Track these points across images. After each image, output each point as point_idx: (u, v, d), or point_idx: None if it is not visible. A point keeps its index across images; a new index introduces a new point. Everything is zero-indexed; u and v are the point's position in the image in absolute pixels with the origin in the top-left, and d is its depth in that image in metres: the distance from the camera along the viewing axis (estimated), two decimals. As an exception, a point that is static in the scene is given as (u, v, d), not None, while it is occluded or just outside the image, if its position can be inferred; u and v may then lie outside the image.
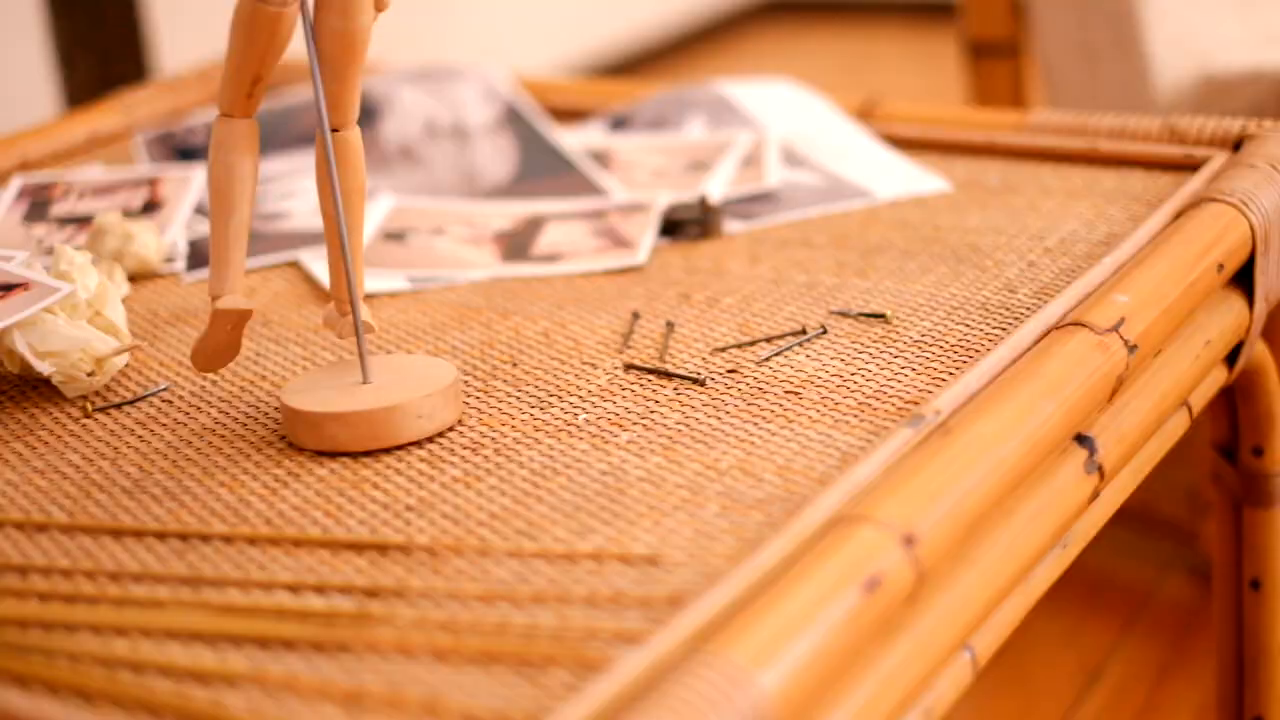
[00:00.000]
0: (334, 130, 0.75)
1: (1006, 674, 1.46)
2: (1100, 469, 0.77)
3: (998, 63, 1.55)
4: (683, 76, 3.20)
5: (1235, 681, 1.09)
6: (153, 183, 1.11)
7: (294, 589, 0.65)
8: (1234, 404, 1.02)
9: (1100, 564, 1.59)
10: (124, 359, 0.84)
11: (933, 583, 0.66)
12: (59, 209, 1.08)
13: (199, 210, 1.08)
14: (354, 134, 0.76)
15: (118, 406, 0.82)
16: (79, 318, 0.83)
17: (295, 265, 0.99)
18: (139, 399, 0.82)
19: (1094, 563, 1.56)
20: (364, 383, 0.77)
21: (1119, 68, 1.46)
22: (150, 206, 1.07)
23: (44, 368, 0.81)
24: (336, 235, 0.77)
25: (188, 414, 0.80)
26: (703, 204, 0.97)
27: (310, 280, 0.96)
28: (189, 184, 1.10)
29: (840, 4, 3.75)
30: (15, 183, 1.11)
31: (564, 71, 3.31)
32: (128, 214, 1.04)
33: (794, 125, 1.11)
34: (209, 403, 0.81)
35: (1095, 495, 0.78)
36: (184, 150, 1.19)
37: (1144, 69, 1.45)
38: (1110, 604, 1.56)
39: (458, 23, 3.12)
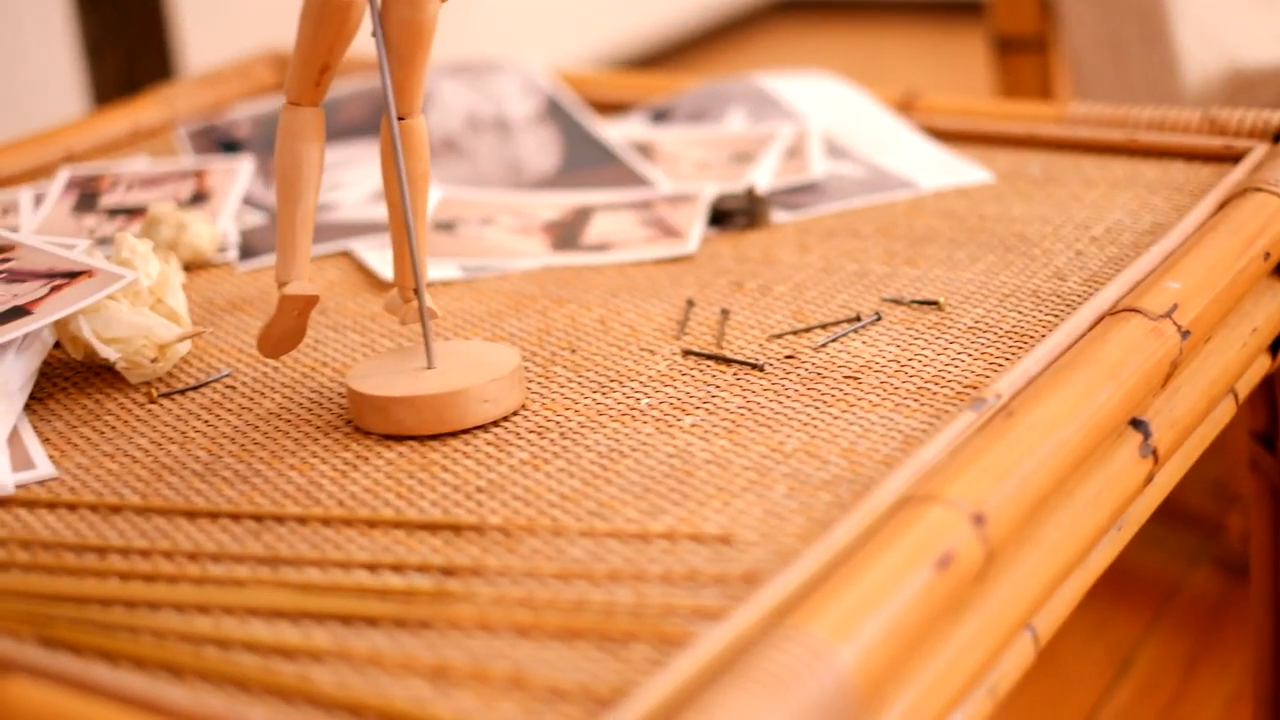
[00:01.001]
0: (400, 119, 0.76)
1: (1037, 664, 1.46)
2: (1154, 453, 0.78)
3: (1025, 58, 1.56)
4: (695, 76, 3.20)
5: (1272, 671, 1.10)
6: (199, 174, 1.12)
7: (371, 568, 0.66)
8: (1274, 392, 1.03)
9: (1127, 556, 1.60)
10: (187, 345, 0.85)
11: (998, 562, 0.67)
12: (108, 200, 1.09)
13: (246, 201, 1.09)
14: (420, 122, 0.77)
15: (182, 392, 0.83)
16: (141, 305, 0.84)
17: (347, 255, 1.00)
18: (202, 385, 0.83)
19: (1121, 554, 1.57)
20: (428, 368, 0.78)
21: (1147, 62, 1.47)
22: (198, 198, 1.08)
23: (109, 353, 0.82)
24: (402, 222, 0.78)
25: (252, 399, 0.81)
26: (750, 194, 0.98)
27: (363, 269, 0.97)
28: (235, 175, 1.11)
29: (851, 3, 3.76)
30: (63, 175, 1.12)
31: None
32: (178, 205, 1.05)
33: (834, 118, 1.12)
34: (272, 388, 0.82)
35: (1149, 479, 0.79)
36: (227, 143, 1.20)
37: (1172, 63, 1.46)
38: (1138, 595, 1.57)
39: (459, 22, 3.12)
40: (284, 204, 0.76)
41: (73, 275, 0.83)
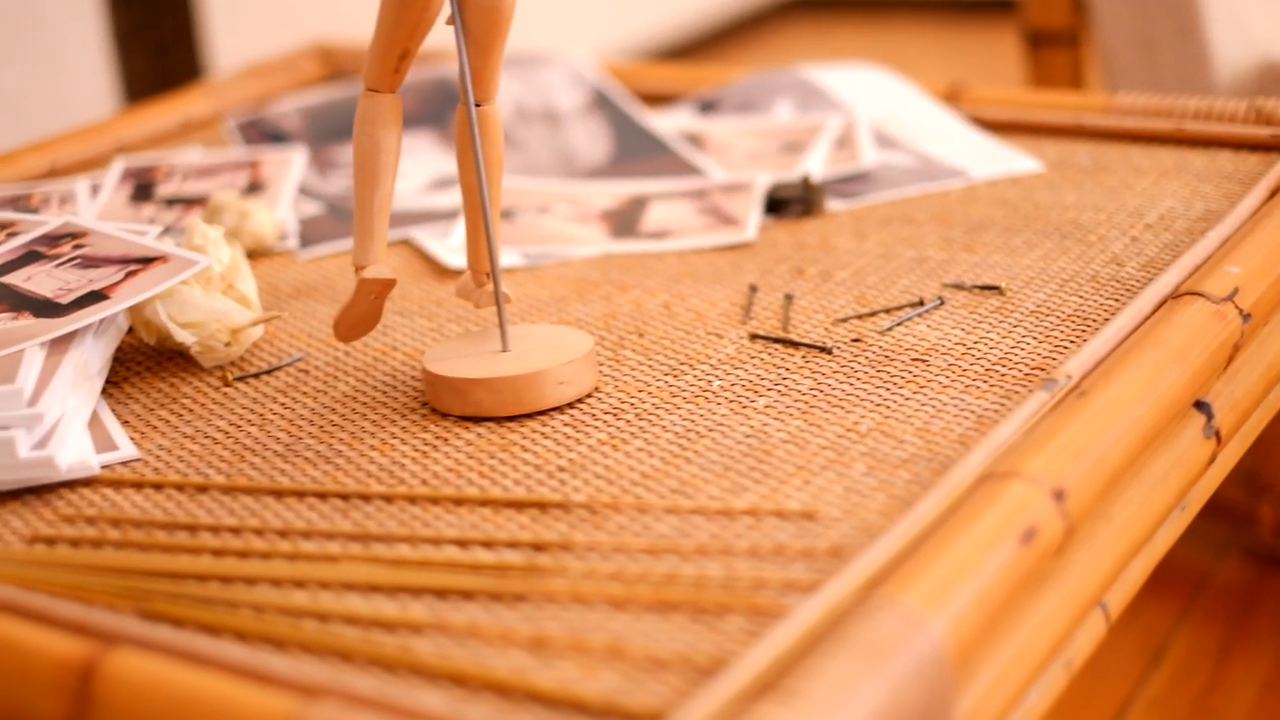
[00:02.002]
0: (476, 105, 0.78)
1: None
2: (1217, 434, 0.80)
3: (1057, 52, 1.57)
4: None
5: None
6: (253, 165, 1.13)
7: (462, 544, 0.67)
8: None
9: (1156, 547, 1.61)
10: (260, 330, 0.86)
11: (1075, 538, 0.68)
12: (164, 190, 1.10)
13: (302, 191, 1.10)
14: (496, 109, 0.78)
15: (256, 375, 0.84)
16: (213, 290, 0.85)
17: (407, 243, 1.01)
18: (276, 368, 0.84)
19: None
20: (503, 351, 0.79)
21: (1179, 56, 1.48)
22: (253, 188, 1.09)
23: (185, 337, 0.83)
24: (477, 207, 0.79)
25: (326, 383, 0.83)
26: (805, 183, 0.99)
27: (425, 256, 0.98)
28: (288, 166, 1.13)
29: (867, 1, 3.77)
30: (118, 165, 1.14)
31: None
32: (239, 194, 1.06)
33: (882, 108, 1.13)
34: (345, 372, 0.84)
35: (1212, 460, 0.80)
36: (276, 134, 1.21)
37: (1203, 57, 1.47)
38: (1169, 586, 1.58)
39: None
40: (362, 189, 0.78)
41: (147, 261, 0.84)
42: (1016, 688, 0.64)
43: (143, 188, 1.10)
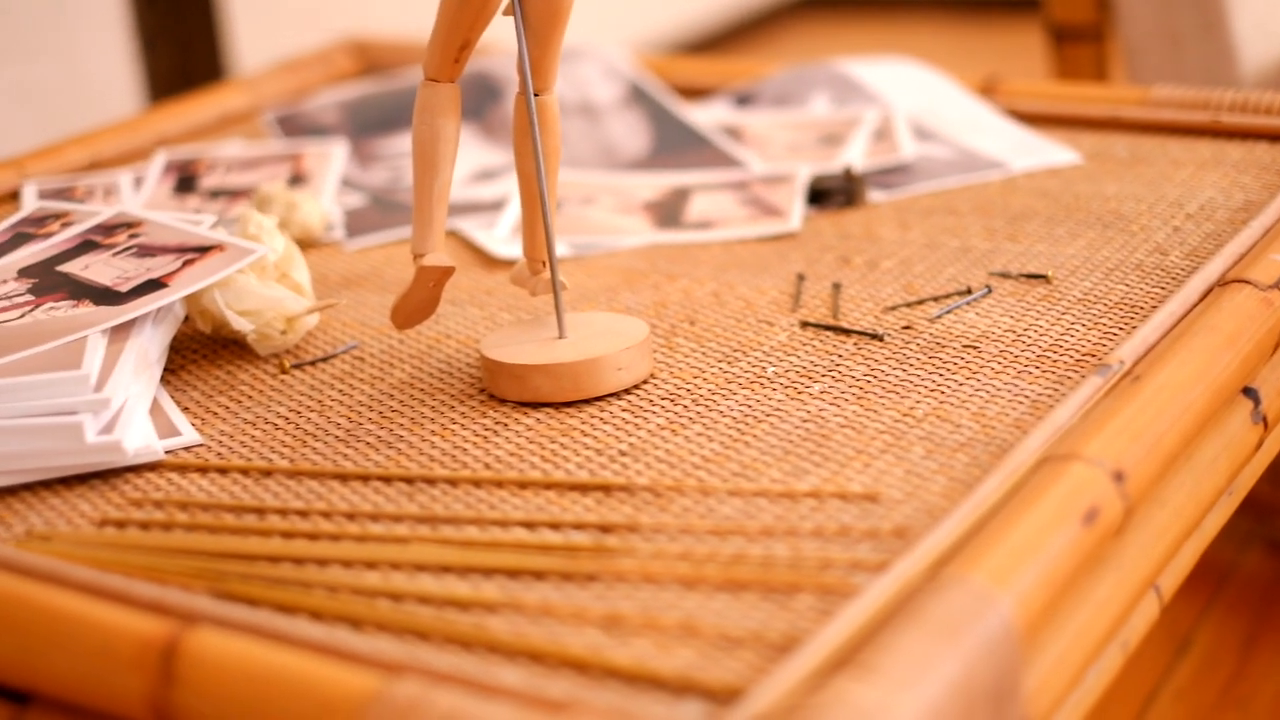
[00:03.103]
0: (535, 94, 0.78)
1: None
2: (1264, 420, 0.81)
3: (1081, 47, 1.58)
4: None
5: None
6: (295, 157, 1.14)
7: (529, 526, 0.68)
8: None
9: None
10: (315, 318, 0.87)
11: (1131, 520, 0.69)
12: (208, 182, 1.11)
13: (345, 183, 1.11)
14: (554, 99, 0.79)
15: (312, 363, 0.85)
16: (268, 279, 0.86)
17: (453, 234, 1.02)
18: (332, 356, 0.85)
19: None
20: (560, 338, 0.80)
21: (1204, 51, 1.49)
22: (296, 180, 1.10)
23: (243, 325, 0.84)
24: (535, 196, 0.80)
25: (382, 370, 0.83)
26: (848, 174, 1.00)
27: (472, 247, 0.99)
28: (329, 158, 1.14)
29: None
30: (160, 158, 1.14)
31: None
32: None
33: (918, 101, 1.14)
34: (400, 359, 0.84)
35: (1259, 445, 0.81)
36: (314, 128, 1.22)
37: (1229, 53, 1.48)
38: (1194, 577, 1.59)
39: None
40: (421, 178, 0.78)
41: (203, 250, 0.85)
42: (1077, 667, 0.65)
43: (186, 180, 1.11)
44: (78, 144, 1.19)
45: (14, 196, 1.13)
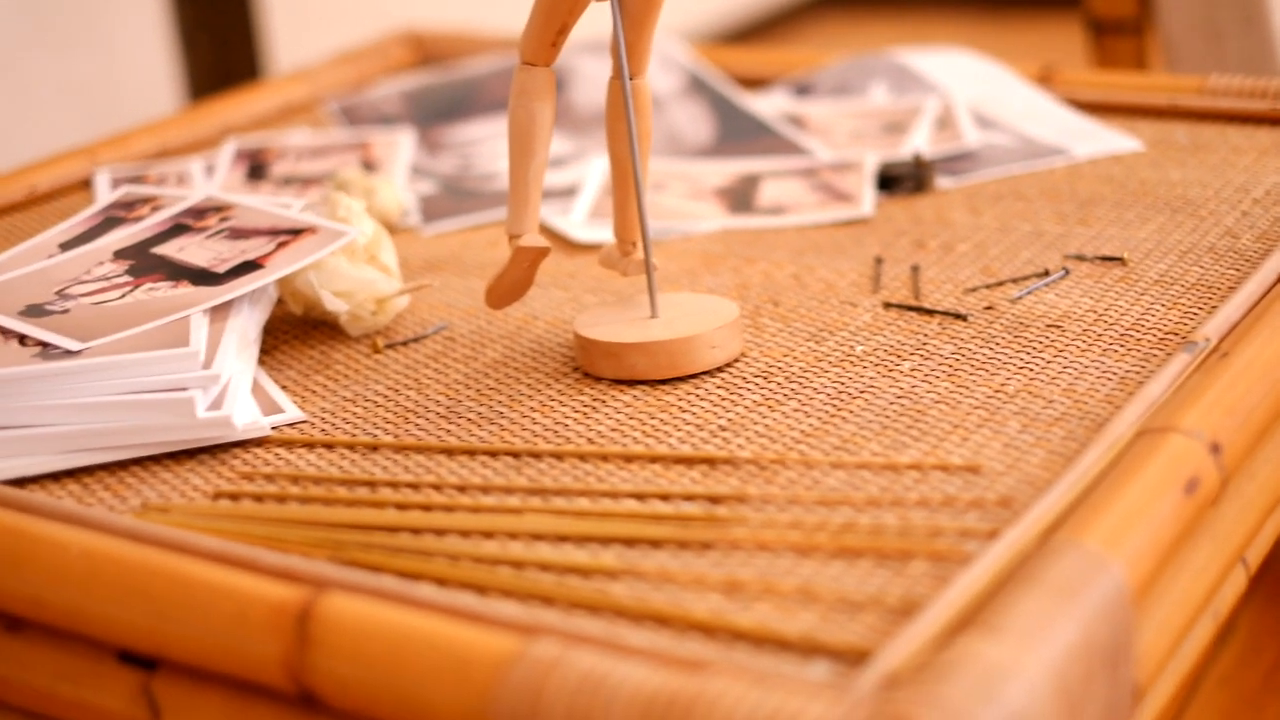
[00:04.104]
0: (630, 78, 0.80)
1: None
2: (1342, 398, 0.82)
3: (1120, 40, 1.60)
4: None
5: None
6: (363, 146, 1.15)
7: (639, 497, 0.69)
8: None
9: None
10: (405, 299, 0.88)
11: (1225, 492, 0.70)
12: (279, 170, 1.12)
13: (415, 170, 1.12)
14: (646, 82, 0.81)
15: (403, 343, 0.86)
16: (358, 261, 0.87)
17: (526, 219, 1.03)
18: (423, 336, 0.87)
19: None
20: (653, 317, 0.81)
21: (1245, 44, 1.51)
22: (366, 167, 1.12)
23: (338, 305, 0.85)
24: (627, 178, 0.82)
25: (474, 350, 0.85)
26: (917, 160, 1.02)
27: (550, 232, 1.01)
28: (397, 147, 1.15)
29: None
30: (229, 146, 1.16)
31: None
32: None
33: (976, 90, 1.16)
34: (491, 340, 0.86)
35: (1336, 423, 0.83)
36: (378, 117, 1.23)
37: (1269, 46, 1.49)
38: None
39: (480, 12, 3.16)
40: (517, 160, 0.80)
41: (295, 232, 0.87)
42: (1177, 635, 0.67)
43: (256, 168, 1.13)
44: (146, 133, 1.20)
45: (86, 184, 1.15)
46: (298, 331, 0.89)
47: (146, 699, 0.65)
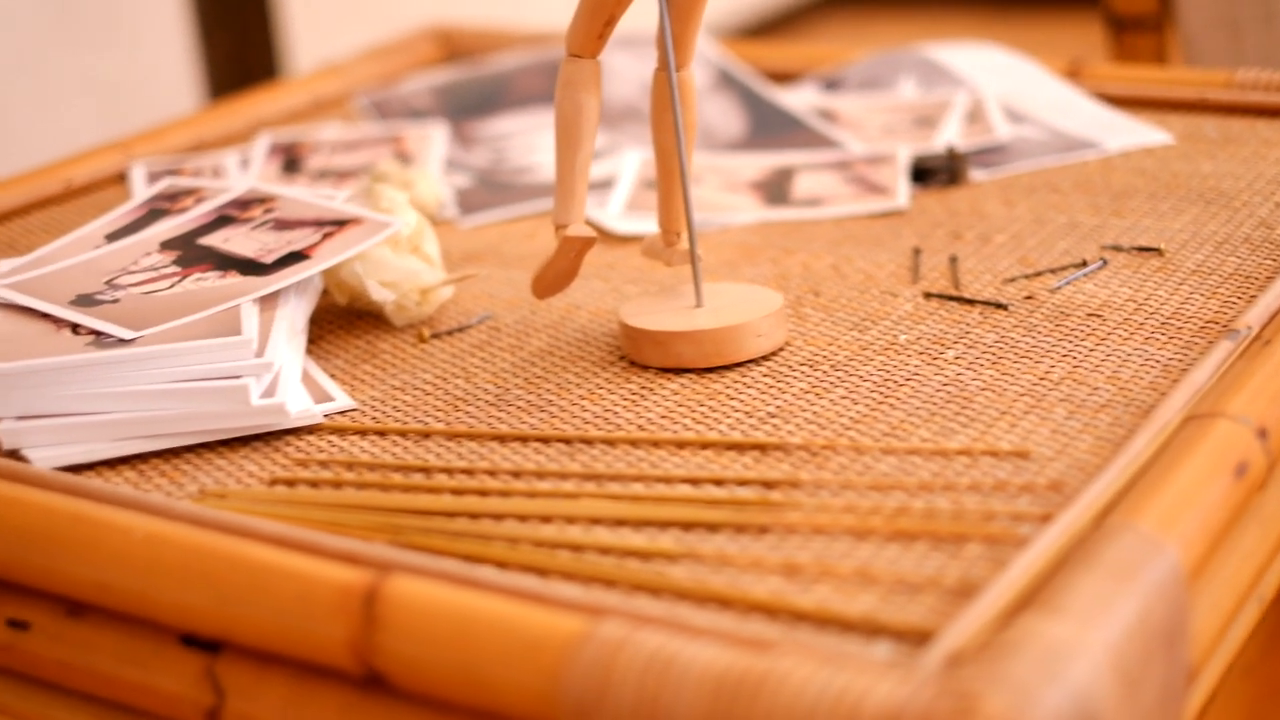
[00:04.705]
0: (676, 70, 0.81)
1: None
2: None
3: (1140, 36, 1.61)
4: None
5: None
6: (396, 139, 1.16)
7: (693, 482, 0.70)
8: None
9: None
10: (449, 290, 0.89)
11: (1272, 476, 0.71)
12: (313, 163, 1.13)
13: (449, 163, 1.13)
14: (691, 75, 0.82)
15: (449, 333, 0.87)
16: (402, 251, 0.88)
17: (563, 212, 1.04)
18: (467, 326, 0.88)
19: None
20: (698, 306, 0.82)
21: (1265, 41, 1.51)
22: (400, 161, 1.12)
23: (385, 295, 0.86)
24: (672, 169, 0.82)
25: (519, 339, 0.86)
26: (951, 153, 1.03)
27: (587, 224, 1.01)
28: (430, 140, 1.16)
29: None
30: (263, 140, 1.17)
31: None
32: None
33: (1004, 84, 1.17)
34: (535, 329, 0.87)
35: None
36: (409, 111, 1.24)
37: (1288, 41, 1.50)
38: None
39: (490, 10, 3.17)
40: (564, 150, 0.81)
41: (340, 223, 0.88)
42: (1227, 616, 0.67)
43: (291, 161, 1.14)
44: (180, 127, 1.21)
45: (121, 178, 1.16)
46: (343, 322, 0.90)
47: (210, 681, 0.66)
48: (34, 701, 0.72)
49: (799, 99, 1.19)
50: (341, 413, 0.79)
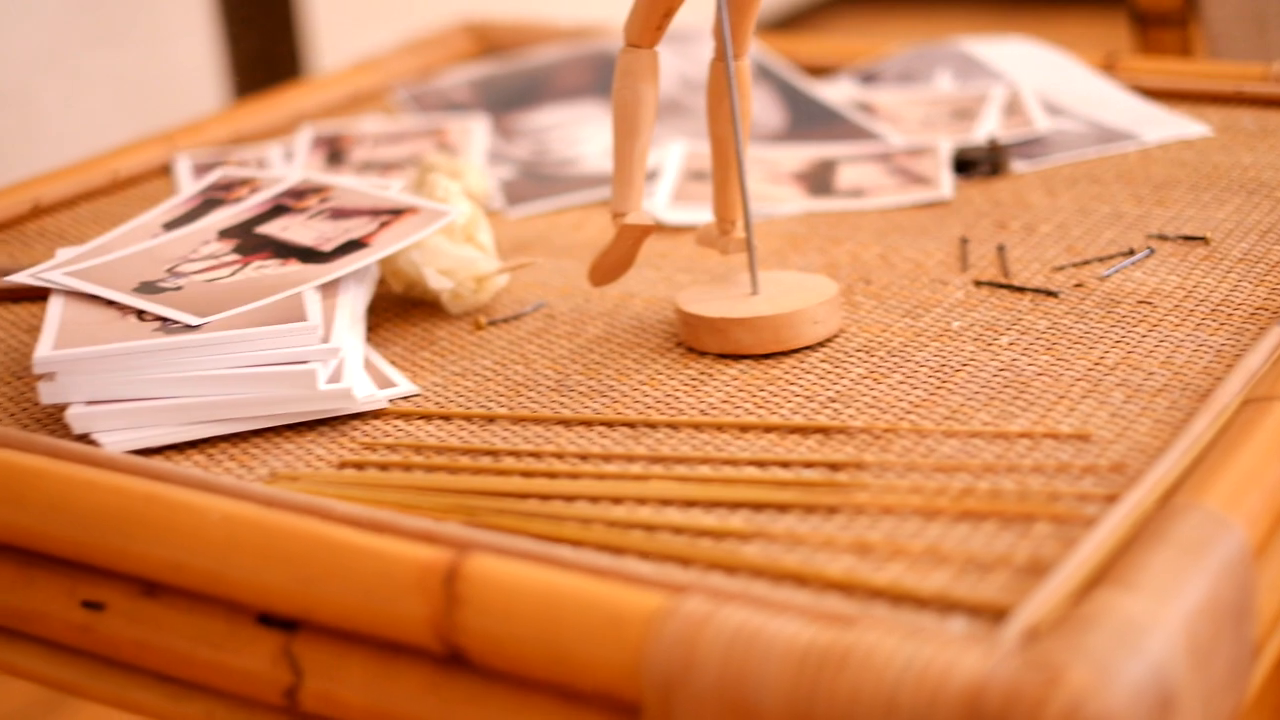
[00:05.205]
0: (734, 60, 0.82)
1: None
2: None
3: (1165, 32, 1.62)
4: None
5: None
6: (438, 132, 1.17)
7: (759, 464, 0.71)
8: None
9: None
10: (504, 278, 0.90)
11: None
12: (358, 155, 1.14)
13: (493, 155, 1.14)
14: (747, 64, 0.83)
15: (504, 321, 0.88)
16: (456, 240, 0.89)
17: (606, 205, 1.05)
18: (522, 314, 0.89)
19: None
20: (754, 294, 0.83)
21: (1289, 35, 1.53)
22: (445, 153, 1.13)
23: (443, 282, 0.87)
24: (727, 158, 0.84)
25: (574, 327, 0.87)
26: (992, 144, 1.04)
27: (633, 214, 1.03)
28: (471, 133, 1.17)
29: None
30: (306, 132, 1.18)
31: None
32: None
33: (1040, 78, 1.18)
34: (590, 317, 0.88)
35: None
36: (448, 104, 1.25)
37: (1313, 36, 1.52)
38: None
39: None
40: (622, 139, 0.82)
41: (396, 212, 0.89)
42: (1283, 598, 0.69)
43: (335, 154, 1.15)
44: (221, 120, 1.22)
45: (165, 170, 1.17)
46: (398, 310, 0.91)
47: (288, 660, 0.67)
48: (109, 682, 0.73)
49: (836, 92, 1.20)
50: (404, 398, 0.80)
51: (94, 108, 1.96)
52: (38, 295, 0.95)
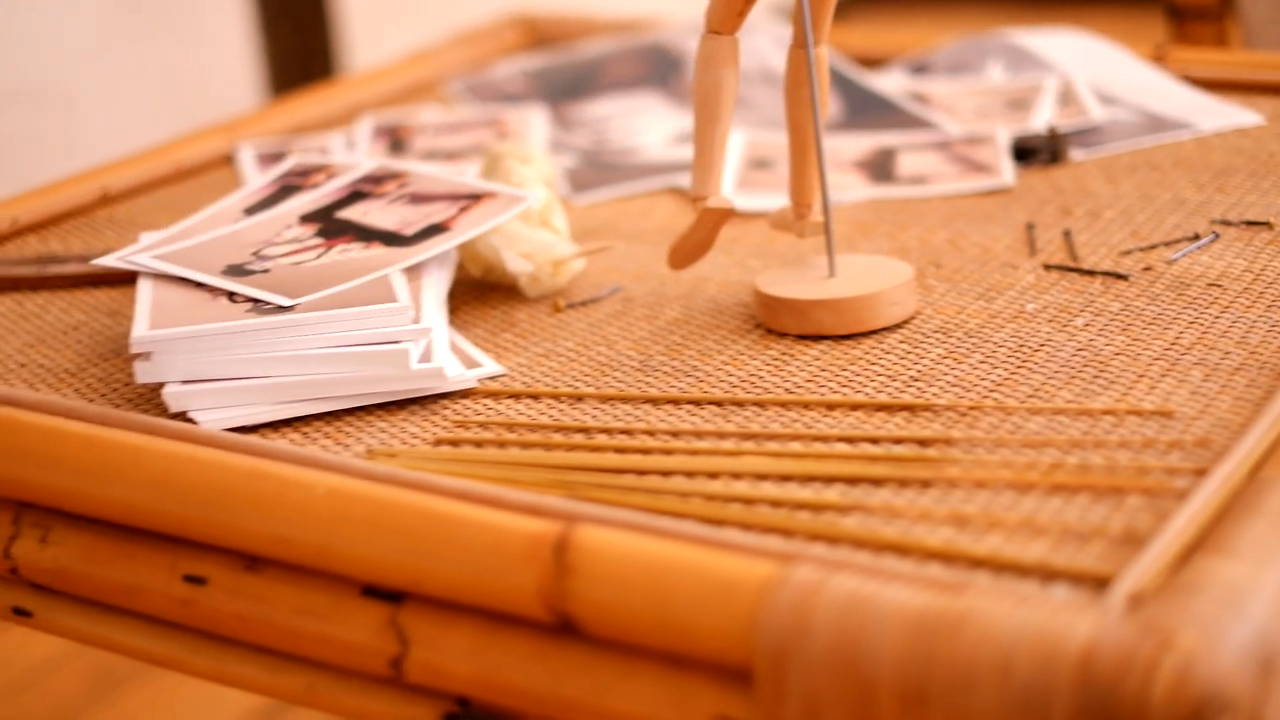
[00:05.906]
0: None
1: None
2: None
3: (1201, 26, 1.63)
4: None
5: None
6: (497, 122, 1.19)
7: (849, 441, 0.73)
8: None
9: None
10: (581, 262, 0.92)
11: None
12: (419, 144, 1.16)
13: (554, 144, 1.16)
14: (825, 51, 0.84)
15: (582, 304, 0.90)
16: (532, 225, 0.91)
17: (673, 191, 1.07)
18: (599, 298, 0.90)
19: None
20: (831, 276, 0.85)
21: (1325, 28, 1.54)
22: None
23: (523, 266, 0.89)
24: (804, 144, 0.85)
25: (652, 310, 0.88)
26: (1052, 133, 1.05)
27: (698, 201, 1.04)
28: (530, 123, 1.19)
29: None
30: (367, 122, 1.19)
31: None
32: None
33: (1091, 68, 1.19)
34: (666, 300, 0.89)
35: None
36: (503, 95, 1.27)
37: (1349, 29, 1.53)
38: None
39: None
40: (703, 124, 0.83)
41: (474, 197, 0.90)
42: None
43: (397, 143, 1.16)
44: (279, 110, 1.24)
45: (228, 160, 1.18)
46: (476, 293, 0.92)
47: (394, 631, 0.68)
48: (210, 657, 0.74)
49: (889, 83, 1.22)
50: (491, 378, 0.82)
51: (130, 104, 1.97)
52: (100, 281, 0.97)
